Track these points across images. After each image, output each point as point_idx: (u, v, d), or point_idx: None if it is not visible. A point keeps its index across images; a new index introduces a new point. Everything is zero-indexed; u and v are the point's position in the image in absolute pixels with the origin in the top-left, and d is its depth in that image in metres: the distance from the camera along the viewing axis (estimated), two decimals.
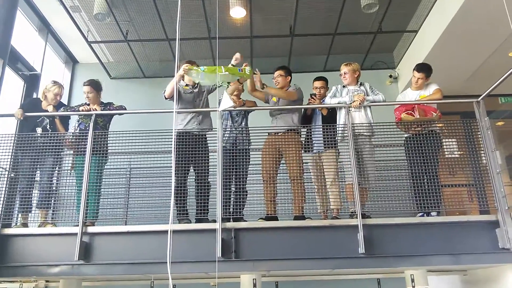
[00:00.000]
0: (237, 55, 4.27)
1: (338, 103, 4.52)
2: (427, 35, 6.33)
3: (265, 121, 4.76)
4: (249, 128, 4.64)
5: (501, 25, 4.62)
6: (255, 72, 4.57)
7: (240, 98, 4.69)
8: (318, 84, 4.89)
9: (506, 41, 5.69)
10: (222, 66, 4.04)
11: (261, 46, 7.18)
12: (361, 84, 4.66)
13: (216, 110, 4.41)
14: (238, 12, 6.29)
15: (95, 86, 4.72)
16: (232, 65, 4.20)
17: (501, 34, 5.51)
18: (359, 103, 4.37)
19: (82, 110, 4.55)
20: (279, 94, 4.70)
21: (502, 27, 4.69)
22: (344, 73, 4.68)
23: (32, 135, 4.45)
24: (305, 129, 4.69)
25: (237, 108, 4.53)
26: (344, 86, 4.71)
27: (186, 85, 4.61)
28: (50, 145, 4.39)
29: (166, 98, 4.47)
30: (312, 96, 4.83)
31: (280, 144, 4.49)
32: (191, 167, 4.39)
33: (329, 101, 4.62)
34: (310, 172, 4.57)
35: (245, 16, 6.42)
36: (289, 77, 4.83)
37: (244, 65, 4.23)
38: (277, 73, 4.80)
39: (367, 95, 4.50)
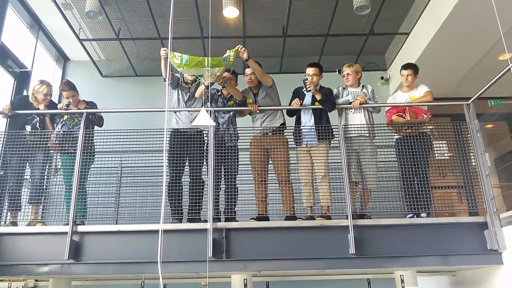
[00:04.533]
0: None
1: (342, 103, 4.53)
2: (419, 38, 6.38)
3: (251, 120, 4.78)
4: (236, 128, 4.58)
5: (491, 29, 4.67)
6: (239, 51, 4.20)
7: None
8: (310, 71, 4.54)
9: (496, 45, 5.75)
10: (206, 58, 3.91)
11: (254, 46, 7.16)
12: (363, 87, 4.69)
13: (208, 110, 4.42)
14: (231, 12, 6.28)
15: (73, 87, 4.62)
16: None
17: (491, 37, 5.57)
18: (360, 103, 4.40)
19: (60, 109, 4.56)
20: (257, 70, 4.45)
21: (492, 31, 4.74)
22: (347, 74, 4.69)
23: (21, 133, 4.41)
24: (294, 123, 4.64)
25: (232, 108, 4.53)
26: (344, 88, 4.73)
27: (186, 83, 4.59)
28: (39, 143, 4.35)
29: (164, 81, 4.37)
30: (305, 81, 4.43)
31: (268, 145, 4.47)
32: (186, 166, 4.39)
33: None
34: (298, 172, 4.52)
35: (238, 16, 6.42)
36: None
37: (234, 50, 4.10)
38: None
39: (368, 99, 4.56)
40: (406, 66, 4.72)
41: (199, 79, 4.30)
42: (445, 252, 3.93)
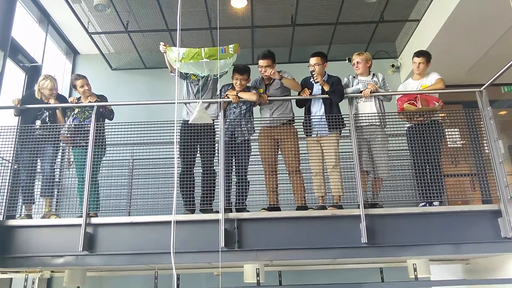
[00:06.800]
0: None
1: (352, 92, 4.49)
2: (430, 24, 6.29)
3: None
4: (247, 120, 4.52)
5: (503, 14, 4.60)
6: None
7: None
8: (312, 61, 4.53)
9: (509, 31, 5.66)
10: (202, 49, 3.94)
11: (262, 36, 7.14)
12: (373, 75, 4.64)
13: (216, 102, 4.43)
14: (239, 2, 6.25)
15: (85, 77, 4.72)
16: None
17: (504, 23, 5.48)
18: (370, 92, 4.36)
19: (72, 102, 4.60)
20: (292, 85, 4.50)
21: (504, 17, 4.67)
22: (357, 63, 4.64)
23: (33, 127, 4.46)
24: (303, 114, 4.60)
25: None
26: (354, 77, 4.69)
27: (194, 75, 4.57)
28: (50, 136, 4.39)
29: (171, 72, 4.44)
30: (312, 73, 4.45)
31: (277, 135, 4.45)
32: (198, 157, 4.40)
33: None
34: (308, 162, 4.49)
35: (246, 6, 6.38)
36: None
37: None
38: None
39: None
40: (419, 54, 4.65)
41: (200, 76, 4.28)
42: (458, 241, 3.91)
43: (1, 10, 4.64)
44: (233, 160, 4.35)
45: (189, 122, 4.08)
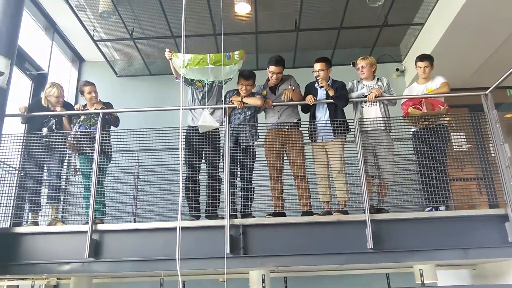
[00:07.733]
0: None
1: (357, 97, 4.49)
2: (434, 28, 6.27)
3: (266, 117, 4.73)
4: (253, 125, 4.55)
5: (508, 16, 4.58)
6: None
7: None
8: (317, 66, 4.52)
9: None
10: (208, 55, 3.97)
11: (266, 41, 7.16)
12: (378, 79, 4.64)
13: (221, 107, 4.43)
14: (243, 8, 6.26)
15: (94, 84, 4.76)
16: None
17: (509, 25, 5.44)
18: (375, 96, 4.35)
19: (78, 109, 4.63)
20: (298, 98, 4.57)
21: (509, 19, 4.64)
22: (362, 67, 4.64)
23: (39, 135, 4.49)
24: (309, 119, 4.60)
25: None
26: (359, 81, 4.69)
27: (199, 81, 4.58)
28: (57, 144, 4.42)
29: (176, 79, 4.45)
30: (317, 78, 4.51)
31: (284, 139, 4.45)
32: (203, 163, 4.41)
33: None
34: (313, 167, 4.48)
35: (250, 12, 6.39)
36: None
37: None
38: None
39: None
40: (422, 58, 4.64)
41: (205, 82, 4.31)
42: (465, 246, 3.88)
43: (8, 19, 4.67)
44: (238, 165, 4.36)
45: (197, 124, 4.11)
